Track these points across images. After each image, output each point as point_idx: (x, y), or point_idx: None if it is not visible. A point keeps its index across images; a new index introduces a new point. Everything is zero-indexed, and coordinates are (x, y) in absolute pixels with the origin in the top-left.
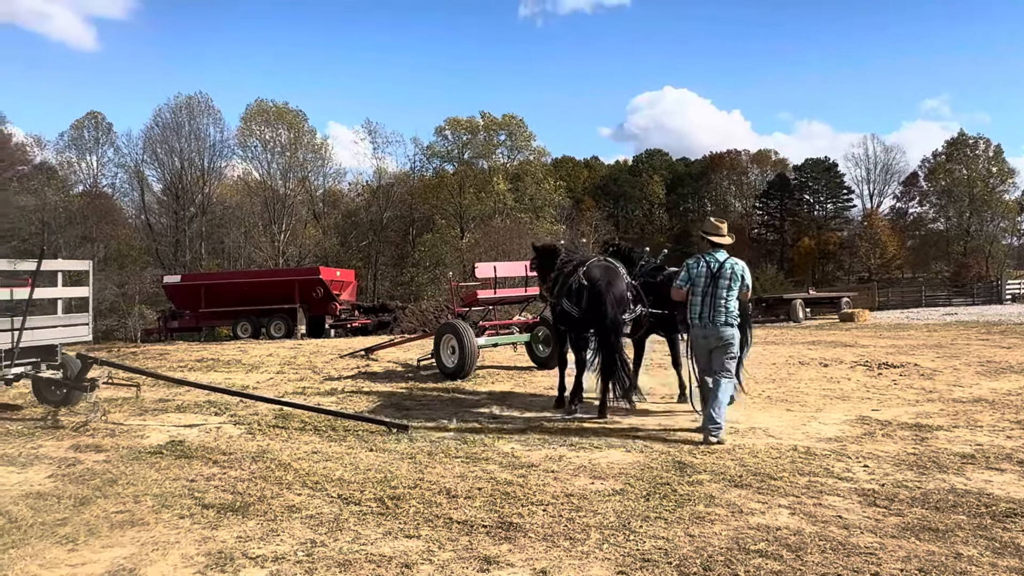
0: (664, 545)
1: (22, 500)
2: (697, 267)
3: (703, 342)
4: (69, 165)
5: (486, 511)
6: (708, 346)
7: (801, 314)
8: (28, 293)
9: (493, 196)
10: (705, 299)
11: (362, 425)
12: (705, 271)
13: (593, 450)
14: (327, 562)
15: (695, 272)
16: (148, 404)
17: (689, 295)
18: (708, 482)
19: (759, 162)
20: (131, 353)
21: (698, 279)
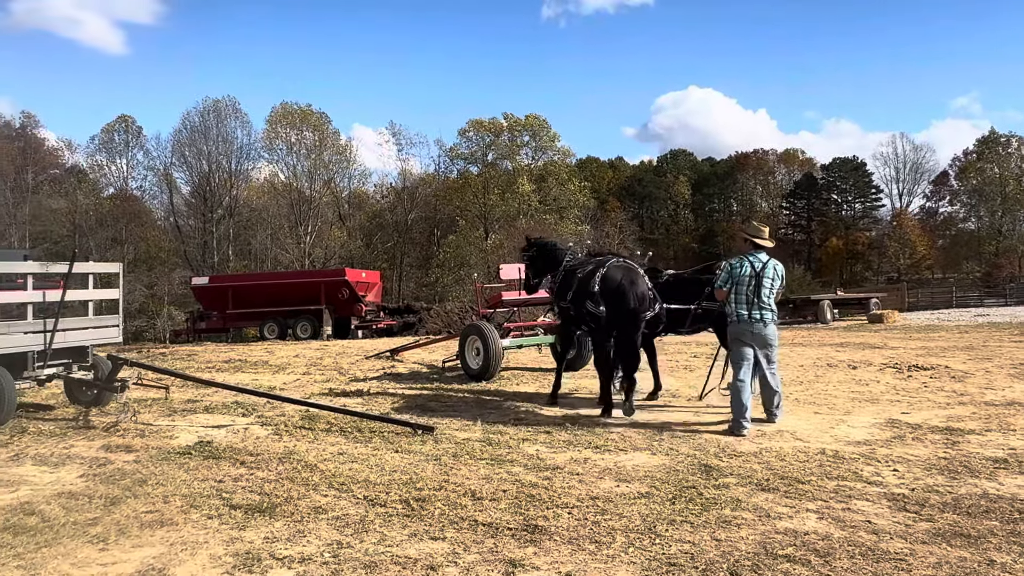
0: (690, 549)
1: (54, 499)
2: (740, 268)
3: (747, 339)
4: (100, 168)
5: (511, 513)
6: (752, 342)
7: (829, 315)
8: (60, 295)
9: (517, 197)
10: (749, 298)
11: (387, 426)
12: (749, 271)
13: (618, 452)
14: (353, 563)
15: (738, 272)
16: (177, 405)
17: (731, 294)
18: (735, 486)
19: (786, 162)
20: (160, 354)
21: (742, 279)
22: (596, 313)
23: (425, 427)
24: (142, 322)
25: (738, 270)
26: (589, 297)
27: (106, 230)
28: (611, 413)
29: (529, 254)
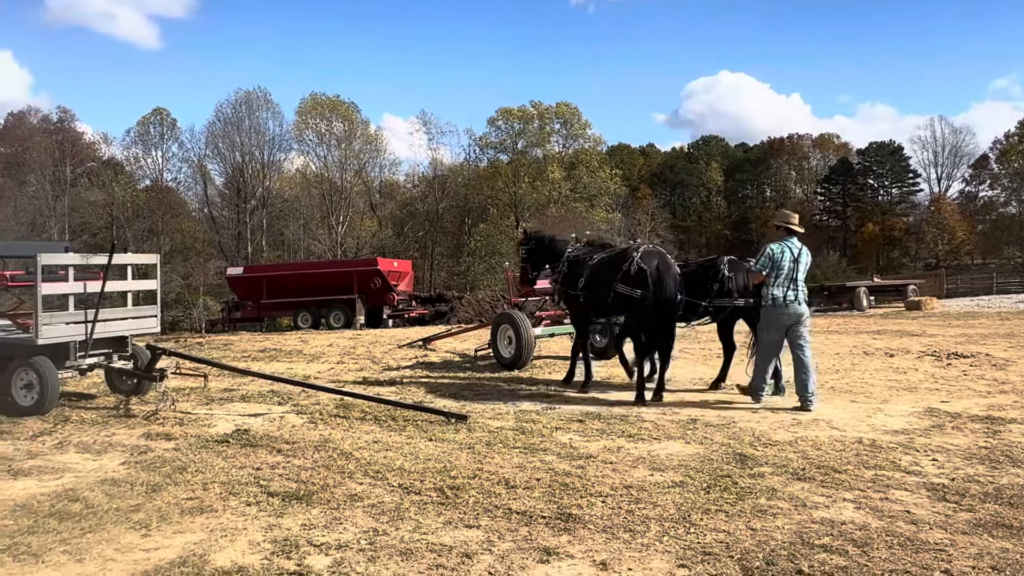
0: (725, 538)
1: (98, 486)
2: (782, 253)
3: (784, 320)
4: (136, 160)
5: (545, 502)
6: (787, 323)
7: (865, 302)
8: (100, 286)
9: (548, 185)
10: (788, 282)
11: (421, 415)
12: (789, 256)
13: (652, 441)
14: (389, 550)
15: (779, 258)
16: (214, 393)
17: (771, 278)
18: (770, 475)
19: (821, 147)
20: (197, 343)
21: (782, 264)
22: (632, 296)
23: (458, 416)
24: (178, 312)
25: (779, 256)
26: (624, 281)
27: (142, 221)
28: (644, 400)
29: (528, 247)
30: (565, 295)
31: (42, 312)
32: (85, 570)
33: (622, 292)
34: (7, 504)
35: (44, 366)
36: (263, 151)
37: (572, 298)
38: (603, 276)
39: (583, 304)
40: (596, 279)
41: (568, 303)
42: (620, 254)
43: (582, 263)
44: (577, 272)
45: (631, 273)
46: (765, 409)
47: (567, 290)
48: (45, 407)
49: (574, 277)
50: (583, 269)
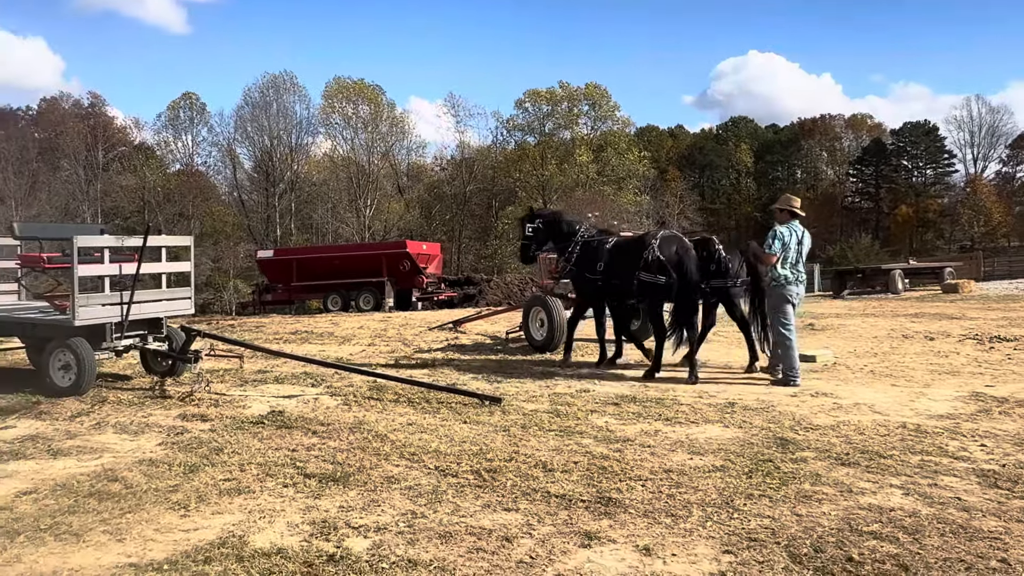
0: (770, 524)
1: (136, 467)
2: (791, 236)
3: (791, 298)
4: (166, 145)
5: (584, 485)
6: (791, 302)
7: (900, 285)
8: (135, 268)
9: (575, 168)
10: (794, 263)
11: (455, 397)
12: (795, 239)
13: (689, 425)
14: (428, 533)
15: (788, 240)
16: (248, 375)
17: (779, 260)
18: (813, 460)
19: (854, 127)
20: (229, 325)
21: (790, 246)
22: (655, 283)
23: (492, 398)
24: (209, 295)
25: (788, 238)
26: (646, 268)
27: (173, 205)
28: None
29: (534, 225)
30: (579, 276)
31: (79, 294)
32: (126, 549)
33: (645, 280)
34: (47, 483)
35: (81, 347)
36: (291, 135)
37: (588, 281)
38: (623, 262)
39: (600, 287)
40: (616, 264)
41: (581, 284)
42: (639, 241)
43: (598, 247)
44: (593, 255)
45: (658, 261)
46: (804, 393)
47: (583, 272)
48: (82, 388)
49: (591, 260)
50: (600, 253)
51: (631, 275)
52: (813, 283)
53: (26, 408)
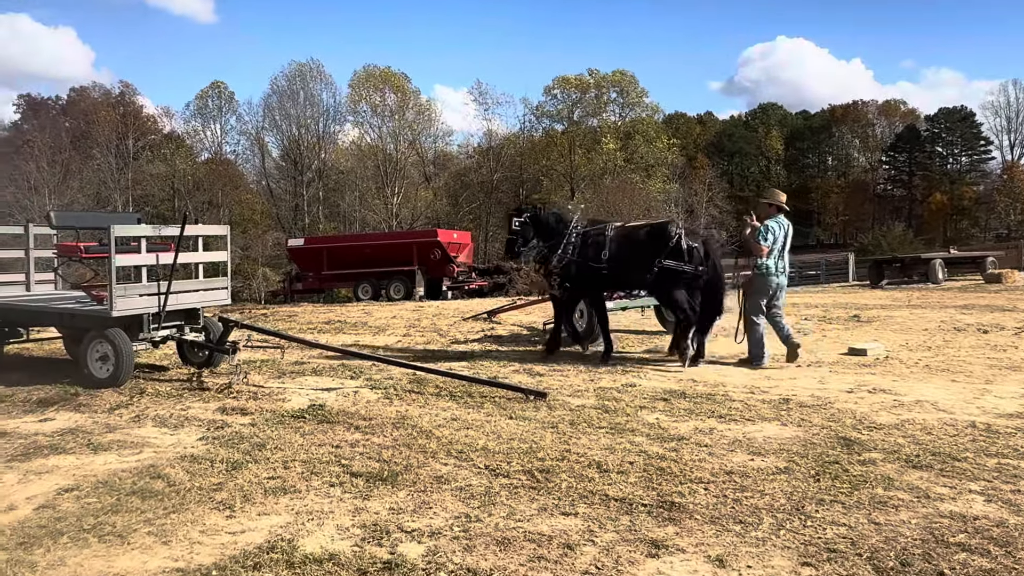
0: (848, 534)
1: (178, 463)
2: (779, 228)
3: (771, 287)
4: (195, 133)
5: (643, 488)
6: (773, 290)
7: (941, 275)
8: (173, 258)
9: (603, 155)
10: (778, 254)
11: (498, 391)
12: (782, 232)
13: (745, 422)
14: (485, 539)
15: (778, 232)
16: (285, 366)
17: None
18: (881, 462)
19: (886, 113)
20: (261, 314)
21: (779, 238)
22: (681, 271)
23: (537, 392)
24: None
25: (777, 231)
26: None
27: (203, 193)
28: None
29: (522, 220)
30: (582, 267)
31: (116, 284)
32: (172, 553)
33: (670, 267)
34: (89, 480)
35: (119, 338)
36: (318, 123)
37: (591, 271)
38: (639, 250)
39: (604, 277)
40: (628, 253)
41: (582, 275)
42: (661, 229)
43: (600, 236)
44: (596, 245)
45: (681, 249)
46: (861, 389)
47: (586, 262)
48: (120, 379)
49: (594, 250)
50: (603, 242)
51: (649, 263)
52: (848, 273)
53: (65, 400)
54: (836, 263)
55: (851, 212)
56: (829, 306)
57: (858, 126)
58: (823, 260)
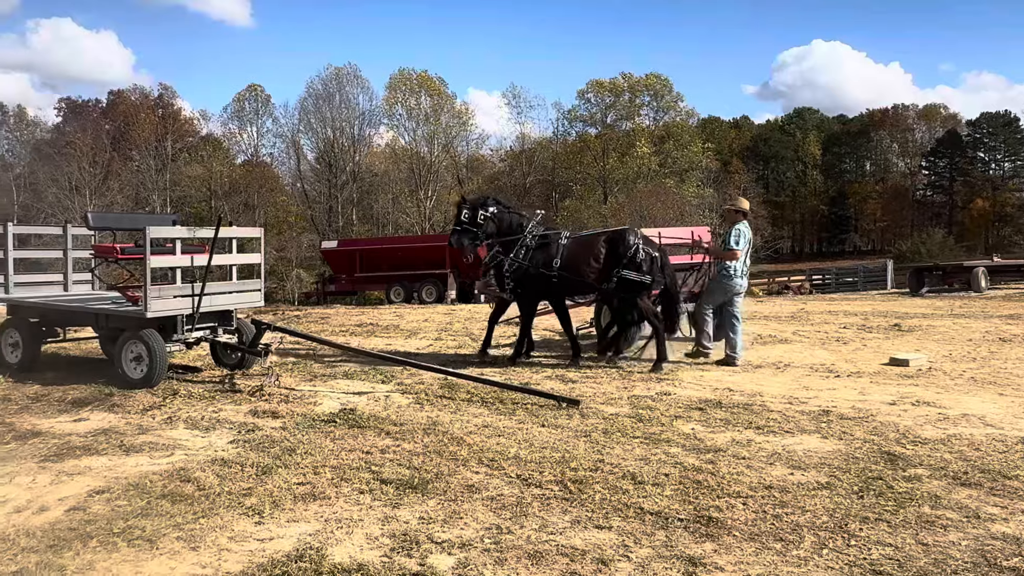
0: (894, 554)
1: (208, 466)
2: (748, 234)
3: (733, 289)
4: (232, 136)
5: (679, 502)
6: (734, 293)
7: (984, 283)
8: (207, 259)
9: (636, 160)
10: (744, 259)
11: (530, 398)
12: (750, 237)
13: (784, 435)
14: (516, 552)
15: (747, 238)
16: (316, 369)
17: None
18: (927, 478)
19: (927, 118)
20: (294, 316)
21: (747, 244)
22: (641, 281)
23: (570, 400)
24: (272, 284)
25: (747, 236)
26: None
27: (239, 195)
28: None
29: (487, 214)
30: (530, 274)
31: (151, 285)
32: (200, 559)
33: (629, 278)
34: (121, 482)
35: (153, 339)
36: (353, 126)
37: (541, 277)
38: (596, 260)
39: (555, 284)
40: (581, 260)
41: (530, 281)
42: (618, 238)
43: (552, 242)
44: (549, 251)
45: (637, 259)
46: (904, 401)
47: (539, 269)
48: (154, 380)
49: (546, 256)
50: (556, 248)
51: (607, 273)
52: (886, 280)
53: (99, 400)
54: (874, 270)
55: (889, 218)
56: (868, 314)
57: (897, 131)
58: (860, 267)
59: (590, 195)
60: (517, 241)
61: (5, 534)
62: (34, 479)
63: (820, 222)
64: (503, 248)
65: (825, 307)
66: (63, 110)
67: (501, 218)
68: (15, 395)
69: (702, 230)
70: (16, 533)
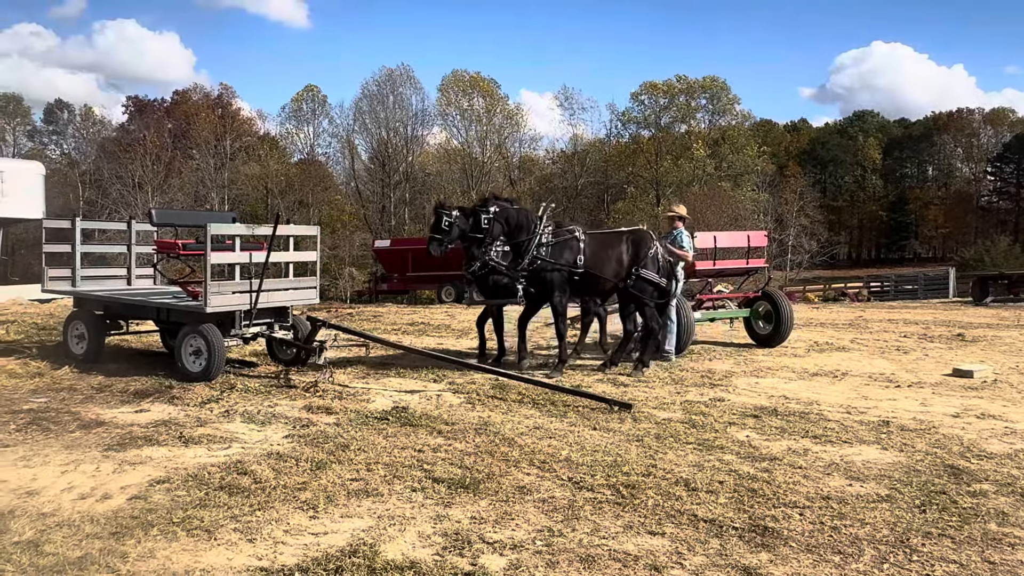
0: (959, 572)
1: (264, 460)
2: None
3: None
4: (289, 135)
5: (734, 510)
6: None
7: None
8: (265, 257)
9: (691, 163)
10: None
11: (581, 400)
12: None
13: (842, 444)
14: (568, 555)
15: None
16: (369, 367)
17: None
18: (994, 494)
19: (993, 122)
20: (347, 314)
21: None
22: (657, 282)
23: (622, 404)
24: (325, 282)
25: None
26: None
27: (294, 194)
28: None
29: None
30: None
31: (211, 281)
32: (256, 551)
33: (647, 278)
34: (180, 473)
35: (212, 333)
36: (407, 126)
37: (563, 275)
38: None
39: (577, 283)
40: (605, 258)
41: (550, 280)
42: (643, 236)
43: (572, 239)
44: (572, 247)
45: (660, 260)
46: (968, 414)
47: (559, 265)
48: (212, 374)
49: (571, 252)
50: (577, 245)
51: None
52: (948, 288)
53: (159, 392)
54: (935, 278)
55: (952, 224)
56: (929, 323)
57: (962, 135)
58: (921, 274)
59: (643, 198)
60: (528, 240)
61: (71, 520)
62: (98, 467)
63: (879, 228)
64: (513, 249)
65: (884, 315)
66: (130, 109)
67: (508, 217)
68: (80, 385)
69: (758, 234)
70: (81, 519)
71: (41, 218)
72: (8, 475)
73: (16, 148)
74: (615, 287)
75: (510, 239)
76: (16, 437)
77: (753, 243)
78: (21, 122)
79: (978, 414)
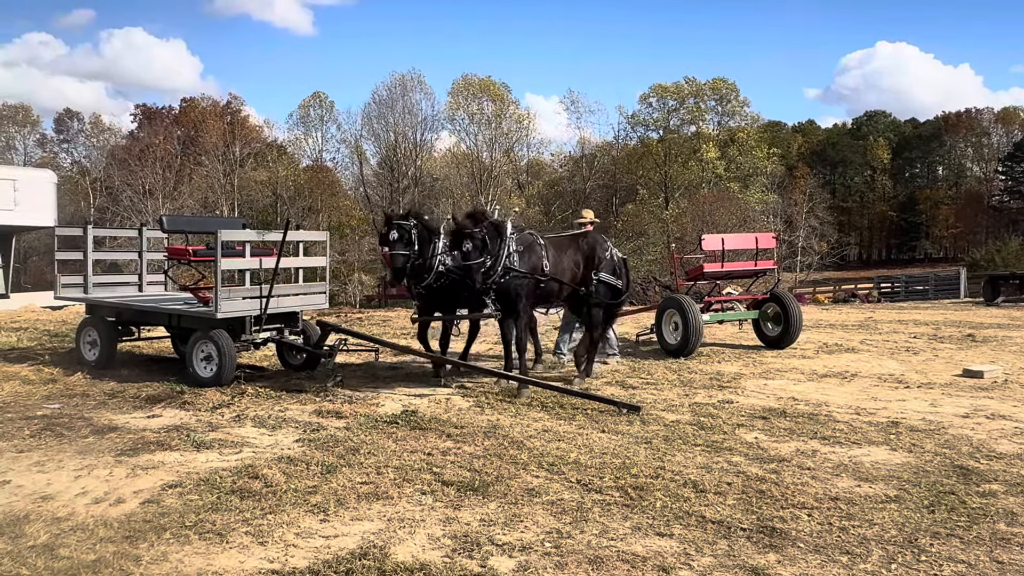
0: (967, 572)
1: (275, 464)
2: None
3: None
4: (297, 142)
5: (742, 511)
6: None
7: None
8: (275, 262)
9: (701, 165)
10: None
11: (589, 403)
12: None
13: (851, 445)
14: (577, 557)
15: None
16: (379, 371)
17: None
18: (1003, 494)
19: (1004, 121)
20: (357, 318)
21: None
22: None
23: (631, 406)
24: (334, 287)
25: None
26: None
27: (302, 200)
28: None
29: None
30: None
31: (221, 287)
32: (268, 554)
33: (607, 281)
34: (192, 477)
35: (222, 339)
36: (415, 131)
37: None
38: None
39: (542, 290)
40: (567, 263)
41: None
42: (598, 240)
43: (535, 244)
44: (536, 253)
45: (615, 262)
46: (978, 414)
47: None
48: (223, 379)
49: (536, 258)
50: (542, 252)
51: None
52: (959, 289)
53: (171, 397)
54: (946, 278)
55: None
56: (940, 324)
57: (972, 135)
58: (932, 275)
59: (652, 200)
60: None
61: (85, 524)
62: (111, 472)
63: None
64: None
65: (894, 316)
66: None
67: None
68: (93, 391)
69: (767, 236)
70: (95, 524)
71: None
72: (23, 480)
73: (27, 157)
74: (572, 293)
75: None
76: (30, 443)
77: (762, 245)
78: (31, 131)
79: (988, 414)
